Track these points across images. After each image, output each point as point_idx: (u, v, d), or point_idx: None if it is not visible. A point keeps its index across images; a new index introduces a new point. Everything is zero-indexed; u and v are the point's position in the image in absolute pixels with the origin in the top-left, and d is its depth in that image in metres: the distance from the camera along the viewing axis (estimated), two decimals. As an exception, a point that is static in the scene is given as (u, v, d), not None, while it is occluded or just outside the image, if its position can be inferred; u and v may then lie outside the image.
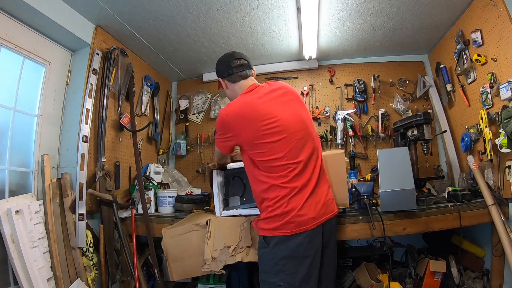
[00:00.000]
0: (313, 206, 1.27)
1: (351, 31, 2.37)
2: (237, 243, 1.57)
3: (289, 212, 1.24)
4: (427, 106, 2.66)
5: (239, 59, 1.47)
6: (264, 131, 1.28)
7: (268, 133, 1.28)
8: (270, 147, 1.28)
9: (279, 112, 1.32)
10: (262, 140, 1.28)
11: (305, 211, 1.24)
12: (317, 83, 2.86)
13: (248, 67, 1.48)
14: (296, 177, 1.28)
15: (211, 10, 2.02)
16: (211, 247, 1.61)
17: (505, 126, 1.62)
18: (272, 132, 1.28)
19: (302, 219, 1.24)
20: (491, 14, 1.84)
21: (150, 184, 2.21)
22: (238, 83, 1.46)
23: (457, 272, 1.98)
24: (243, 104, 1.35)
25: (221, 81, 1.52)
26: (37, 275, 1.53)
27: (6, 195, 1.62)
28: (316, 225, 1.26)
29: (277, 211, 1.25)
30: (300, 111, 1.42)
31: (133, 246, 1.87)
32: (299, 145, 1.32)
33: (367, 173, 2.54)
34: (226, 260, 1.56)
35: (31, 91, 1.85)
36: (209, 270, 1.57)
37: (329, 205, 1.35)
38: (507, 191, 1.73)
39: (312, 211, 1.26)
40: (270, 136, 1.28)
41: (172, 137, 3.05)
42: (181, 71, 3.00)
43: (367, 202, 1.63)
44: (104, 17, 2.01)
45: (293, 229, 1.23)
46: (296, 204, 1.24)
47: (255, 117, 1.30)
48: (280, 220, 1.24)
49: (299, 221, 1.23)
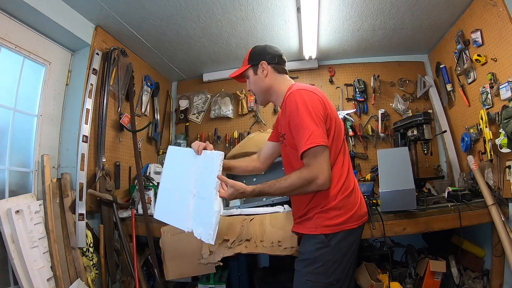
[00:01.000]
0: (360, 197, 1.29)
1: (351, 31, 2.37)
2: (236, 236, 1.57)
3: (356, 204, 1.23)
4: (427, 106, 2.66)
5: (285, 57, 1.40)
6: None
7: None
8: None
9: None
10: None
11: (363, 202, 1.28)
12: (317, 83, 2.86)
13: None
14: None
15: (211, 10, 2.02)
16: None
17: (505, 126, 1.62)
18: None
19: (363, 211, 1.26)
20: (491, 14, 1.84)
21: (150, 184, 2.21)
22: (284, 76, 1.35)
23: (457, 272, 1.98)
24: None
25: (260, 66, 1.32)
26: (37, 275, 1.53)
27: (6, 195, 1.62)
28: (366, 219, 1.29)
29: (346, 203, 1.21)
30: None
31: (133, 246, 1.88)
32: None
33: (367, 173, 2.54)
34: (225, 253, 1.55)
35: (31, 91, 1.85)
36: (206, 263, 1.56)
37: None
38: (507, 191, 1.73)
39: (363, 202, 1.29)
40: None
41: (172, 137, 3.05)
42: (181, 71, 3.00)
43: (367, 202, 1.62)
44: (104, 17, 2.01)
45: (357, 221, 1.21)
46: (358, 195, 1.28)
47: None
48: (349, 212, 1.19)
49: (360, 213, 1.24)
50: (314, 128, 1.11)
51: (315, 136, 1.10)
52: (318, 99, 1.19)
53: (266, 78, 1.33)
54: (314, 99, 1.18)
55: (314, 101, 1.17)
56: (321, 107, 1.18)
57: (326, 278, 1.17)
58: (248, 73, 1.38)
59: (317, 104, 1.17)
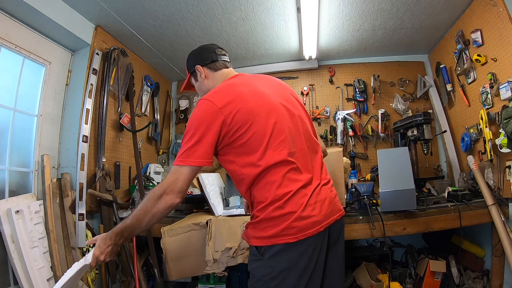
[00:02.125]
0: (319, 204, 1.04)
1: (351, 31, 2.37)
2: (238, 244, 1.57)
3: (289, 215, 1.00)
4: (427, 106, 2.66)
5: (222, 48, 1.32)
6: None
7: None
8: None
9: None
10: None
11: (309, 212, 1.01)
12: (317, 83, 2.86)
13: (228, 59, 1.32)
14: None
15: (211, 10, 2.02)
16: (212, 248, 1.61)
17: (505, 126, 1.62)
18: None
19: (306, 222, 1.00)
20: (491, 14, 1.84)
21: (150, 184, 2.21)
22: (221, 71, 1.26)
23: (457, 272, 1.98)
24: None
25: (196, 71, 1.27)
26: (37, 275, 1.53)
27: (6, 195, 1.62)
28: (323, 229, 1.03)
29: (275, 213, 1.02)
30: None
31: (133, 246, 1.88)
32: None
33: (367, 173, 2.54)
34: (228, 262, 1.56)
35: (31, 91, 1.85)
36: (211, 271, 1.58)
37: (336, 203, 1.13)
38: (507, 191, 1.73)
39: (317, 210, 1.03)
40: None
41: (172, 137, 3.05)
42: (181, 71, 2.99)
43: (367, 202, 1.63)
44: (104, 17, 2.01)
45: (295, 234, 0.99)
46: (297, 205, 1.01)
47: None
48: (282, 224, 1.00)
49: (302, 225, 1.00)
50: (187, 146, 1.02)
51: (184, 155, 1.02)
52: (208, 110, 1.03)
53: (206, 80, 1.27)
54: (202, 112, 1.04)
55: (200, 115, 1.04)
56: (209, 119, 1.02)
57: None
58: (191, 81, 1.34)
59: (203, 117, 1.03)
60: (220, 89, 1.12)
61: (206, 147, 1.02)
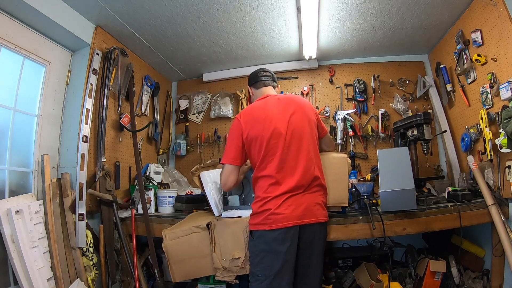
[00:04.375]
0: (292, 207, 1.40)
1: (351, 31, 2.37)
2: (244, 253, 1.59)
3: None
4: (427, 106, 2.66)
5: (265, 71, 1.74)
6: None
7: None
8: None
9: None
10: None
11: (281, 210, 1.40)
12: (317, 83, 2.86)
13: (272, 79, 1.73)
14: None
15: (211, 10, 2.02)
16: (219, 256, 1.63)
17: (505, 126, 1.62)
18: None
19: (278, 217, 1.39)
20: (491, 14, 1.84)
21: (150, 184, 2.21)
22: (260, 90, 1.70)
23: (457, 272, 1.98)
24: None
25: (248, 89, 1.79)
26: (37, 275, 1.53)
27: (6, 195, 1.62)
28: (291, 225, 1.38)
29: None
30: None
31: (133, 246, 1.88)
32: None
33: (367, 173, 2.54)
34: (238, 271, 1.61)
35: (31, 91, 1.86)
36: (223, 279, 1.63)
37: (313, 211, 1.44)
38: (507, 191, 1.73)
39: (289, 211, 1.40)
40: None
41: (172, 137, 3.05)
42: (181, 71, 3.00)
43: (367, 202, 1.63)
44: (104, 17, 2.01)
45: (269, 225, 1.39)
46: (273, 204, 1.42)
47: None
48: (261, 216, 1.43)
49: (275, 218, 1.39)
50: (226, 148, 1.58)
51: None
52: (235, 126, 1.56)
53: (252, 96, 1.76)
54: (233, 126, 1.58)
55: (232, 128, 1.58)
56: (236, 132, 1.55)
57: (253, 267, 1.44)
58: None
59: (233, 131, 1.57)
60: (246, 110, 1.61)
61: (234, 152, 1.51)
